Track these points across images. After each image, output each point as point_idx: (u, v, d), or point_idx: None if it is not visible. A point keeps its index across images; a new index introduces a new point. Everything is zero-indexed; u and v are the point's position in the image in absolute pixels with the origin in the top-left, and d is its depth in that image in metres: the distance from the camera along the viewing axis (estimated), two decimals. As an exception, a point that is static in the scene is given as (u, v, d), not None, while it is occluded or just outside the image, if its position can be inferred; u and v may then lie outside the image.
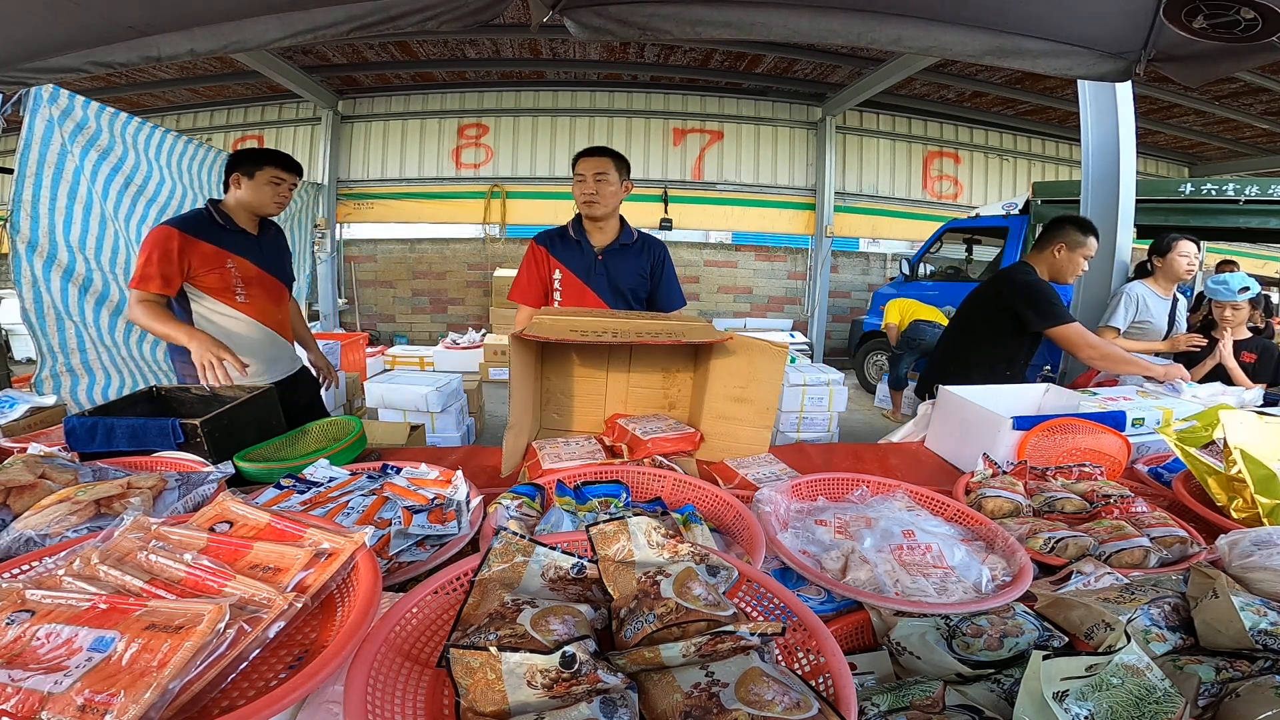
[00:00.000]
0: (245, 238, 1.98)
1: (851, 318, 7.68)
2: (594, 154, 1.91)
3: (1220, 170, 8.51)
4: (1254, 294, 2.60)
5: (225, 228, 1.92)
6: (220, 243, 1.90)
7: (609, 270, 2.00)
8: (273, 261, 2.07)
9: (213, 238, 1.89)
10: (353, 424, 1.52)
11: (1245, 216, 4.42)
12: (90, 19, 1.66)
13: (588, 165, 1.90)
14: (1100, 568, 0.96)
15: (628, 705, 0.54)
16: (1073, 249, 2.26)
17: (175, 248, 1.81)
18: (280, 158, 1.98)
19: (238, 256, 1.93)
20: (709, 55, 6.57)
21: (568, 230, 2.03)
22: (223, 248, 1.90)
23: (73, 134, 2.64)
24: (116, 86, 6.79)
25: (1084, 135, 3.21)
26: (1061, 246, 2.27)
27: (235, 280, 1.92)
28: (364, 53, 6.33)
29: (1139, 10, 1.68)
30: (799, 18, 1.84)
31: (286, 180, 1.96)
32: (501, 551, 0.75)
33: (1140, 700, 0.62)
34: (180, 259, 1.82)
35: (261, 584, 0.67)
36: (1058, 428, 1.49)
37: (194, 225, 1.87)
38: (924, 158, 8.06)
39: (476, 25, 1.80)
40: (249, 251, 1.97)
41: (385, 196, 7.59)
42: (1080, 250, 2.26)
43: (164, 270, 1.80)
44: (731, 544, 1.04)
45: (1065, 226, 2.30)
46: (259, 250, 2.01)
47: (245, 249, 1.96)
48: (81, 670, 0.53)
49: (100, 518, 0.98)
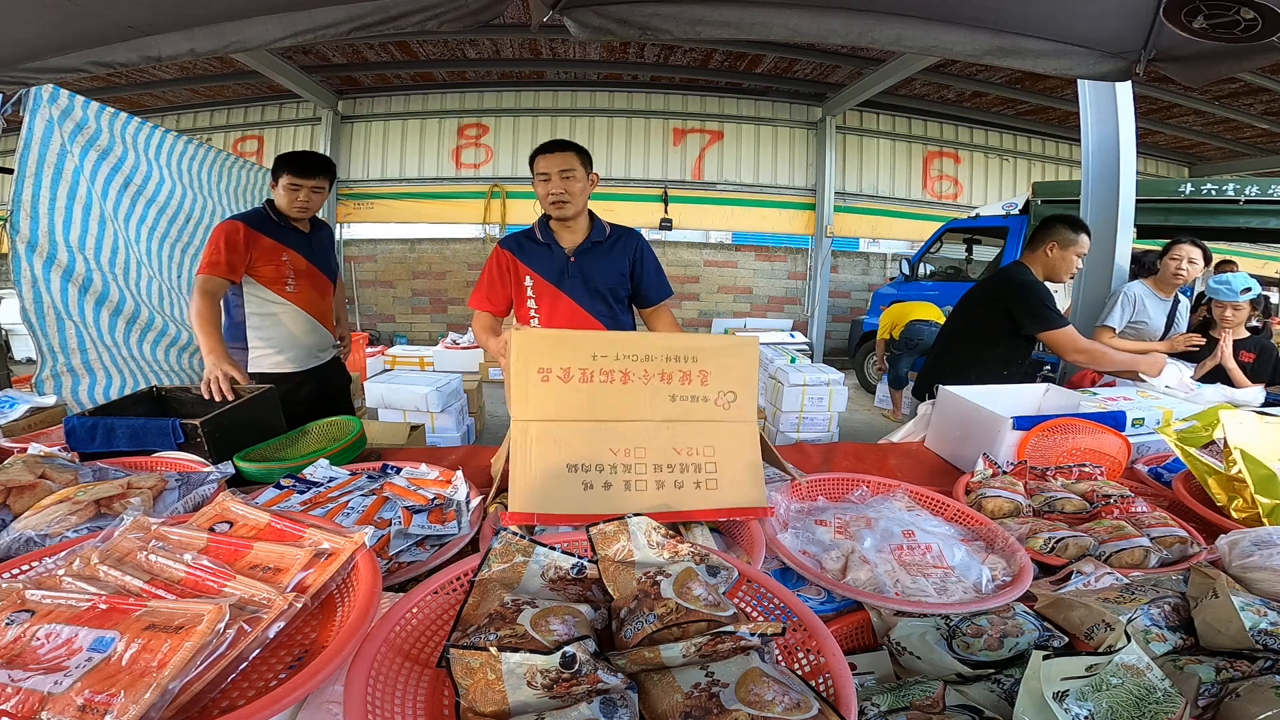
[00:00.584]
0: (298, 234, 2.14)
1: (851, 318, 7.67)
2: (556, 149, 1.76)
3: (1220, 170, 8.50)
4: (1255, 295, 2.59)
5: (281, 225, 2.09)
6: (278, 237, 2.06)
7: (583, 272, 1.87)
8: (320, 257, 2.23)
9: (272, 233, 2.05)
10: (352, 424, 1.52)
11: (1245, 216, 4.41)
12: (90, 19, 1.67)
13: (551, 163, 1.75)
14: (1100, 568, 0.96)
15: (628, 705, 0.54)
16: (1065, 247, 2.26)
17: (241, 239, 1.97)
18: (294, 162, 2.05)
19: (291, 251, 2.10)
20: (709, 55, 6.57)
21: (534, 232, 1.90)
22: (280, 242, 2.06)
23: (73, 134, 2.64)
24: (116, 86, 6.79)
25: (1084, 135, 3.21)
26: (1053, 245, 2.27)
27: (288, 272, 2.09)
28: (364, 53, 6.33)
29: (1139, 10, 1.68)
30: (799, 18, 1.84)
31: (304, 185, 2.04)
32: (501, 552, 0.75)
33: (1140, 700, 0.62)
34: (245, 250, 1.98)
35: (261, 584, 0.67)
36: (1058, 428, 1.49)
37: (257, 221, 2.04)
38: (924, 158, 8.06)
39: (476, 25, 1.80)
40: (300, 247, 2.13)
41: (385, 196, 7.59)
42: (1073, 248, 2.26)
43: (230, 258, 1.95)
44: (731, 544, 1.04)
45: (1056, 225, 2.30)
46: (309, 246, 2.17)
47: (298, 244, 2.13)
48: (81, 670, 0.53)
49: (100, 518, 0.98)
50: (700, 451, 1.06)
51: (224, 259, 1.95)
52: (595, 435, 1.04)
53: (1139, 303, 2.82)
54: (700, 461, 1.05)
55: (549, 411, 1.04)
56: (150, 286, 3.20)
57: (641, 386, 1.07)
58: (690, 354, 1.09)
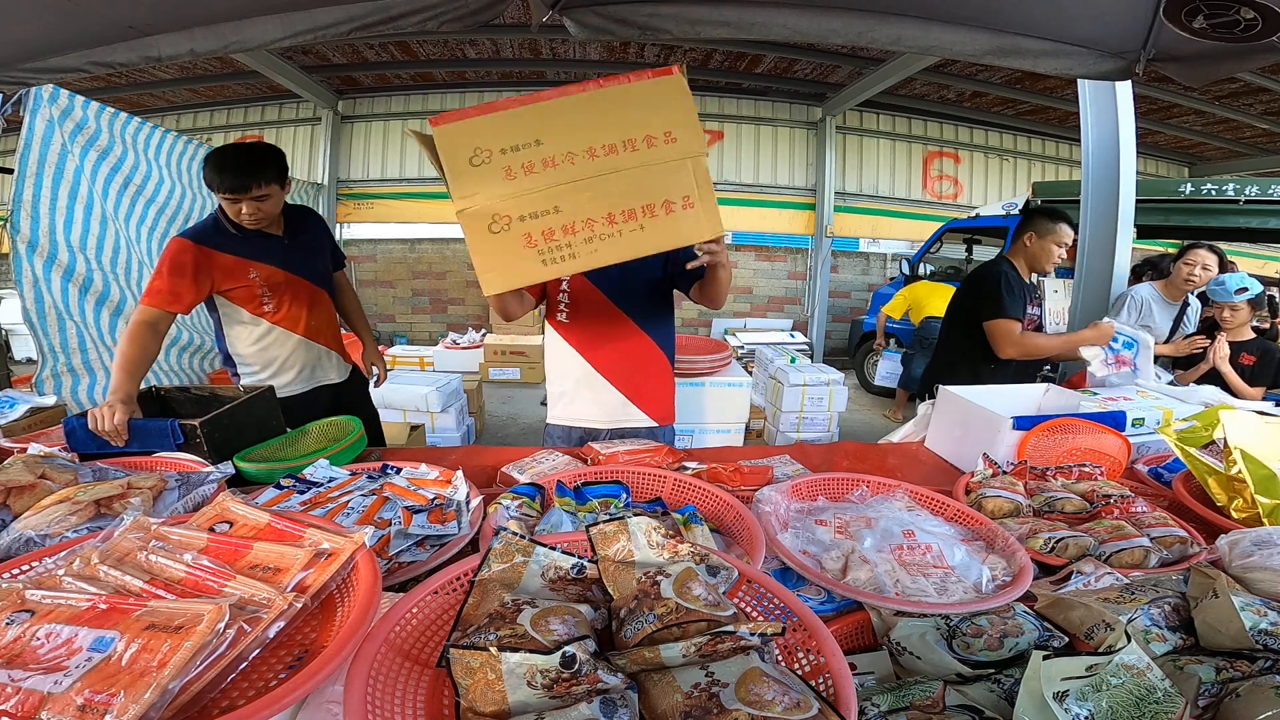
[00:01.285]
0: (266, 242, 1.78)
1: (851, 318, 7.67)
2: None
3: (1220, 170, 8.50)
4: (1253, 295, 2.59)
5: (240, 235, 1.73)
6: (239, 251, 1.73)
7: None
8: (302, 261, 1.87)
9: (230, 247, 1.71)
10: (353, 424, 1.52)
11: (1245, 216, 4.41)
12: (90, 19, 1.66)
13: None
14: (1100, 568, 0.96)
15: (628, 705, 0.54)
16: (1042, 236, 2.28)
17: (189, 261, 1.64)
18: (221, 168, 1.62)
19: (260, 264, 1.76)
20: (709, 55, 6.57)
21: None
22: (243, 257, 1.73)
23: (73, 134, 2.65)
24: (116, 86, 6.78)
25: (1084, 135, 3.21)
26: (1031, 235, 2.30)
27: (261, 290, 1.77)
28: (364, 53, 6.33)
29: (1139, 10, 1.68)
30: (799, 17, 1.84)
31: (242, 198, 1.64)
32: (501, 552, 0.75)
33: (1140, 700, 0.62)
34: (194, 274, 1.65)
35: (261, 584, 0.67)
36: (1058, 428, 1.49)
37: (208, 235, 1.70)
38: (924, 158, 8.05)
39: (476, 25, 1.80)
40: (272, 256, 1.79)
41: (385, 196, 7.58)
42: (1051, 237, 2.28)
43: (173, 285, 1.62)
44: (731, 544, 1.04)
45: (1035, 216, 2.34)
46: (286, 253, 1.82)
47: (268, 254, 1.78)
48: (81, 670, 0.53)
49: (100, 518, 0.98)
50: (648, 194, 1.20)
51: (166, 285, 1.61)
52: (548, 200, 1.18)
53: (1145, 306, 2.82)
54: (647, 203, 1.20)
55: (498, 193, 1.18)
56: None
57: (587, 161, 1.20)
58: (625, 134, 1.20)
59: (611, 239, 1.21)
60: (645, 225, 1.21)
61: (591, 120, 1.20)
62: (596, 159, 1.19)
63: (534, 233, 1.20)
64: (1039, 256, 2.31)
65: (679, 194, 1.21)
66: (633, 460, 1.36)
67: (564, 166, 1.19)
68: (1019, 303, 2.24)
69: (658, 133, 1.19)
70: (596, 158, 1.19)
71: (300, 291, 1.87)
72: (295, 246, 1.86)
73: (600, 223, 1.20)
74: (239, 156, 1.65)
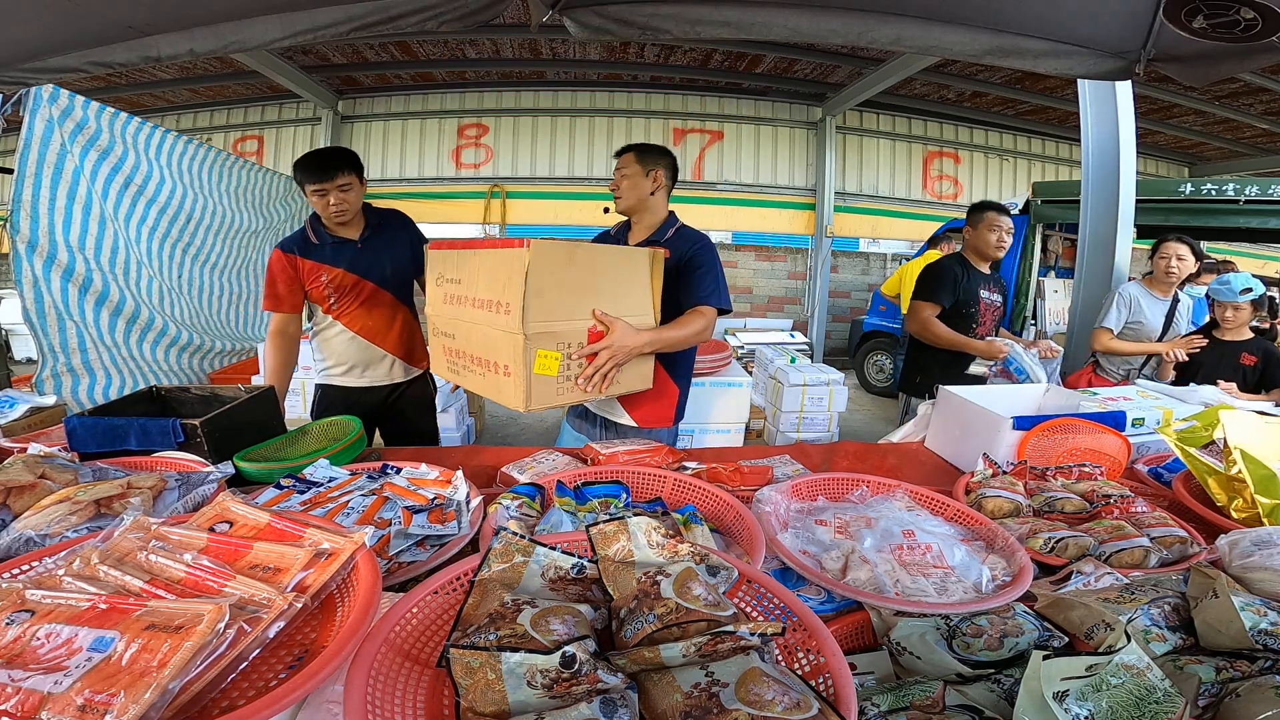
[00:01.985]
0: (341, 247, 1.96)
1: (851, 318, 7.67)
2: (618, 155, 1.82)
3: (1220, 170, 8.50)
4: (1256, 295, 2.58)
5: (320, 244, 1.96)
6: (316, 256, 1.95)
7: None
8: (375, 265, 1.99)
9: (311, 253, 1.95)
10: (353, 424, 1.52)
11: (1245, 216, 4.41)
12: (90, 19, 1.66)
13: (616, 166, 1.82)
14: (1100, 568, 0.96)
15: (628, 705, 0.54)
16: (975, 226, 2.55)
17: (282, 269, 1.94)
18: (308, 166, 1.86)
19: (331, 268, 1.96)
20: (709, 55, 6.57)
21: (608, 233, 1.94)
22: (319, 262, 1.95)
23: (73, 134, 2.64)
24: (116, 86, 6.78)
25: (1084, 135, 3.21)
26: (968, 229, 2.59)
27: (329, 291, 1.98)
28: (364, 53, 6.33)
29: (1139, 10, 1.68)
30: (799, 17, 1.84)
31: (329, 187, 1.84)
32: (501, 552, 0.75)
33: (1140, 700, 0.62)
34: (289, 279, 1.94)
35: (261, 584, 0.67)
36: (1058, 428, 1.49)
37: (296, 244, 1.96)
38: (924, 158, 8.05)
39: (476, 25, 1.80)
40: (344, 260, 1.96)
41: (385, 196, 7.57)
42: (982, 225, 2.52)
43: (276, 291, 1.95)
44: (731, 544, 1.04)
45: (969, 213, 2.62)
46: (355, 256, 1.97)
47: (340, 259, 1.96)
48: (81, 670, 0.53)
49: (100, 518, 0.98)
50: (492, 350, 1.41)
51: (271, 292, 1.97)
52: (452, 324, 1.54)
53: (1134, 303, 2.82)
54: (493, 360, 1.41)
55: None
56: (150, 286, 3.21)
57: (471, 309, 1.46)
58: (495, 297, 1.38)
59: (477, 375, 1.48)
60: (485, 376, 1.45)
61: (481, 276, 1.41)
62: (478, 309, 1.42)
63: (445, 346, 1.58)
64: (980, 246, 2.55)
65: (504, 361, 1.38)
66: (633, 460, 1.36)
67: (464, 306, 1.47)
68: (945, 289, 2.50)
69: (503, 302, 1.35)
70: (478, 308, 1.42)
71: (363, 293, 2.02)
72: (367, 250, 2.01)
73: (468, 359, 1.50)
74: (320, 154, 1.91)
